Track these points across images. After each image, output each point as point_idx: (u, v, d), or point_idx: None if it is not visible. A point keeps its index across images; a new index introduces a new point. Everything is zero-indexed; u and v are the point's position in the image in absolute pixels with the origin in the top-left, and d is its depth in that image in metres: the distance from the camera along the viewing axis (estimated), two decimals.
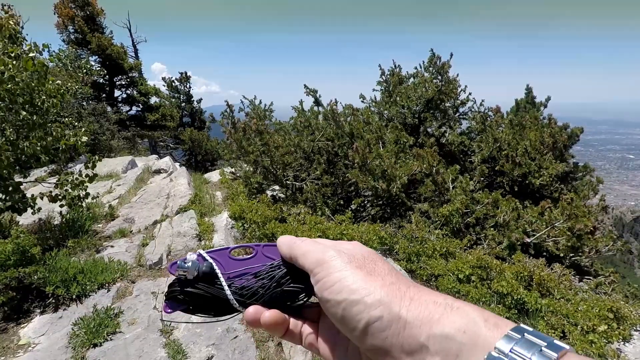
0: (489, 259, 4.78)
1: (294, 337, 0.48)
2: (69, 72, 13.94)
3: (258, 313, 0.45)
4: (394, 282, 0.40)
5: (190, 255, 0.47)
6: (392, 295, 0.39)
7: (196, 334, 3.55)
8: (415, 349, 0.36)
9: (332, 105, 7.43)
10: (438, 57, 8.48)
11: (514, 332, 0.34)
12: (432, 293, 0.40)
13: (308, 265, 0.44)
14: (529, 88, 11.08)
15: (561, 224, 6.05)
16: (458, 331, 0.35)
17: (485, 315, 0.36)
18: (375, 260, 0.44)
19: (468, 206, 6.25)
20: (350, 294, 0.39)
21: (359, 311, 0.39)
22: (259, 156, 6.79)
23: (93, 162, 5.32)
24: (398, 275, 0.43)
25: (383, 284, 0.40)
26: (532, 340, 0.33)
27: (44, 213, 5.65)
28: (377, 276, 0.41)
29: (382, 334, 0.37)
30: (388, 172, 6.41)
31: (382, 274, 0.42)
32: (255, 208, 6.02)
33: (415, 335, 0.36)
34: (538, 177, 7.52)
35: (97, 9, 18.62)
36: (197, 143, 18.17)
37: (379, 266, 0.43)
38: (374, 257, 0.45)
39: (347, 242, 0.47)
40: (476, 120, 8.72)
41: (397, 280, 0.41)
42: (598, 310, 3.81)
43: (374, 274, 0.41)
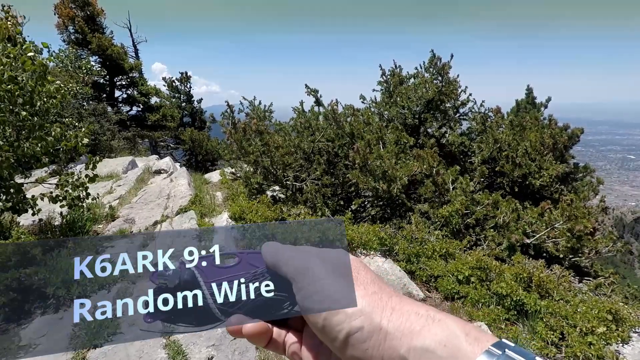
0: (488, 260, 4.79)
1: (277, 346, 0.47)
2: (69, 72, 13.96)
3: (240, 323, 0.44)
4: (376, 292, 0.40)
5: (171, 264, 0.45)
6: (374, 305, 0.38)
7: (196, 335, 3.56)
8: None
9: (332, 106, 7.44)
10: (438, 57, 8.48)
11: (495, 347, 0.33)
12: (415, 304, 0.39)
13: (290, 274, 0.43)
14: (530, 88, 11.08)
15: (561, 225, 6.05)
16: (439, 344, 0.34)
17: (466, 329, 0.36)
18: (359, 269, 0.43)
19: (468, 207, 6.26)
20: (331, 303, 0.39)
21: (340, 321, 0.38)
22: (259, 156, 6.80)
23: (93, 162, 5.32)
24: (381, 284, 0.42)
25: (365, 294, 0.39)
26: (513, 357, 0.32)
27: (45, 214, 5.66)
28: (359, 285, 0.41)
29: (363, 345, 0.37)
30: (389, 172, 6.42)
31: (364, 283, 0.41)
32: (255, 209, 6.03)
33: (396, 347, 0.36)
34: (538, 178, 7.52)
35: (97, 9, 18.63)
36: (198, 143, 18.17)
37: (361, 275, 0.42)
38: (357, 265, 0.44)
39: (332, 250, 0.46)
40: (476, 121, 8.73)
41: (379, 290, 0.41)
42: (597, 312, 3.81)
43: (356, 283, 0.41)
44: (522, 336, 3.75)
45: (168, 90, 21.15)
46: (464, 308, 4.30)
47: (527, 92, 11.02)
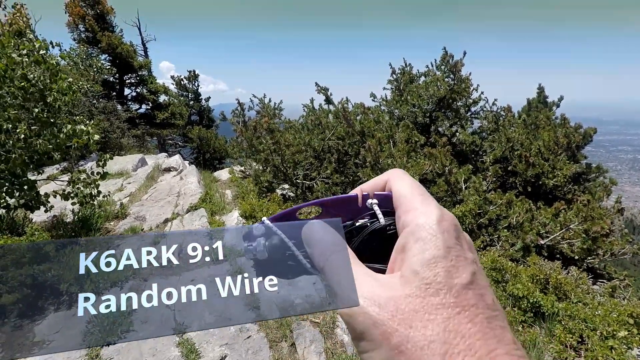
0: (504, 261, 4.71)
1: None
2: (80, 70, 14.06)
3: None
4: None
5: (256, 230, 0.43)
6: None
7: (209, 333, 3.53)
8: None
9: (343, 104, 7.38)
10: (451, 55, 8.38)
11: None
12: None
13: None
14: (541, 87, 10.92)
15: (576, 226, 5.94)
16: None
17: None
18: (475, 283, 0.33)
19: (481, 207, 6.17)
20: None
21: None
22: (269, 155, 6.77)
23: (104, 160, 5.33)
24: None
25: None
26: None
27: (57, 210, 5.69)
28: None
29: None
30: None
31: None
32: (266, 207, 6.00)
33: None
34: (552, 178, 7.41)
35: (107, 8, 18.75)
36: (205, 141, 18.22)
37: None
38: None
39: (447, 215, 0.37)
40: (488, 120, 8.62)
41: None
42: (617, 315, 3.72)
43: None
44: (540, 339, 3.68)
45: (176, 89, 21.25)
46: None
47: (539, 91, 10.87)
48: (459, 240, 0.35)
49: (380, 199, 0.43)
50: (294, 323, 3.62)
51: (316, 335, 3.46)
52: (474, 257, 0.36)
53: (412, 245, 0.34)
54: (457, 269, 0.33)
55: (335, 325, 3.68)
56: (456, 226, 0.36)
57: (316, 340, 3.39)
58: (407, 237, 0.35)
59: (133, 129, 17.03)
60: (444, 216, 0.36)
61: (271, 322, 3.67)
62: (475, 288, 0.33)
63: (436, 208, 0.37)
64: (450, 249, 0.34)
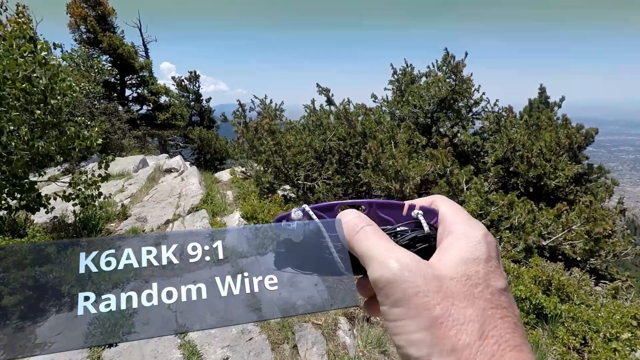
0: (505, 262, 4.69)
1: None
2: (81, 71, 14.07)
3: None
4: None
5: (295, 213, 0.44)
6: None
7: (211, 335, 3.53)
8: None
9: (344, 105, 7.38)
10: (452, 56, 8.37)
11: None
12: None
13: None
14: (542, 88, 10.90)
15: (579, 227, 5.92)
16: None
17: None
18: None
19: (483, 208, 6.16)
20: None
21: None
22: (270, 156, 6.76)
23: (106, 162, 5.33)
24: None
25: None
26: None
27: (58, 212, 5.69)
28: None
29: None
30: (401, 172, 6.34)
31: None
32: (267, 208, 5.99)
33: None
34: (554, 179, 7.39)
35: (108, 9, 18.77)
36: (206, 142, 18.24)
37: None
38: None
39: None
40: (490, 120, 8.60)
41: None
42: (620, 317, 3.71)
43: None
44: (543, 341, 3.66)
45: (177, 90, 21.27)
46: None
47: (540, 92, 10.85)
48: (498, 257, 0.39)
49: (426, 212, 0.45)
50: (295, 325, 3.61)
51: (318, 337, 3.45)
52: (506, 278, 0.38)
53: (460, 244, 0.38)
54: (495, 275, 0.36)
55: (337, 327, 3.67)
56: (497, 245, 0.40)
57: (318, 342, 3.38)
58: (455, 240, 0.38)
59: (134, 129, 17.04)
60: (488, 234, 0.39)
61: (273, 324, 3.66)
62: (509, 296, 0.36)
63: (483, 227, 0.40)
64: (492, 258, 0.37)
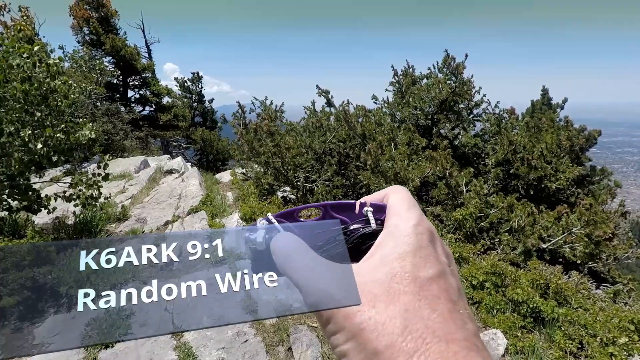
0: (503, 266, 4.67)
1: None
2: (83, 73, 14.16)
3: None
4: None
5: (260, 222, 0.45)
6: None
7: (207, 337, 3.54)
8: None
9: (344, 106, 7.38)
10: (452, 57, 8.36)
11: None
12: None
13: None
14: (545, 89, 10.86)
15: (579, 230, 5.89)
16: None
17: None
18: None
19: (482, 210, 6.14)
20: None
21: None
22: (270, 157, 6.78)
23: (105, 162, 5.36)
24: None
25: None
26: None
27: (59, 212, 5.72)
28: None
29: None
30: (401, 174, 6.33)
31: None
32: (266, 209, 6.00)
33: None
34: (554, 181, 7.35)
35: (111, 10, 18.88)
36: (209, 143, 18.28)
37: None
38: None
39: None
40: (490, 122, 8.57)
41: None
42: (618, 321, 3.68)
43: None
44: (539, 345, 3.64)
45: (180, 91, 21.34)
46: (479, 314, 4.20)
47: (543, 93, 10.81)
48: (433, 244, 0.37)
49: (376, 208, 0.45)
50: (291, 327, 3.62)
51: (313, 339, 3.45)
52: (447, 262, 0.37)
53: (387, 242, 0.37)
54: (424, 264, 0.35)
55: None
56: (431, 232, 0.39)
57: (313, 344, 3.39)
58: (385, 236, 0.38)
59: (136, 130, 17.12)
60: (421, 222, 0.39)
61: (268, 326, 3.66)
62: (441, 284, 0.34)
63: (417, 215, 0.39)
64: (422, 247, 0.36)
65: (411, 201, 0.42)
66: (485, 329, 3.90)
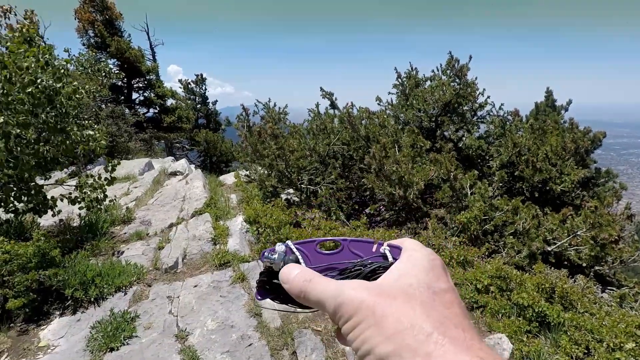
0: (508, 269, 4.64)
1: None
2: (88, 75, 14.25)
3: None
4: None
5: (279, 247, 0.48)
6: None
7: (211, 340, 3.54)
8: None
9: (348, 109, 7.38)
10: (456, 59, 8.34)
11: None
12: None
13: None
14: (549, 91, 10.80)
15: (584, 233, 5.85)
16: None
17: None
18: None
19: (487, 213, 6.11)
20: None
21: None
22: (274, 160, 6.78)
23: (112, 166, 5.39)
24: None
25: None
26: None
27: (64, 214, 5.76)
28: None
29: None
30: (405, 178, 6.32)
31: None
32: (270, 212, 6.00)
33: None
34: (559, 184, 7.31)
35: (115, 13, 19.02)
36: (212, 145, 18.35)
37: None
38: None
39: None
40: (495, 124, 8.54)
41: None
42: (625, 326, 3.65)
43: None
44: (545, 350, 3.62)
45: (184, 92, 21.44)
46: (483, 318, 4.17)
47: (547, 95, 10.75)
48: (444, 271, 0.42)
49: (392, 248, 0.48)
50: (295, 331, 3.61)
51: (317, 343, 3.44)
52: (454, 287, 0.41)
53: (403, 263, 0.42)
54: (437, 279, 0.40)
55: None
56: (443, 263, 0.44)
57: (317, 348, 3.38)
58: (400, 262, 0.43)
59: (140, 132, 17.21)
60: (434, 254, 0.44)
61: (273, 329, 3.66)
62: (453, 296, 0.39)
63: (431, 251, 0.45)
64: (435, 267, 0.41)
65: (426, 248, 0.46)
66: (490, 333, 3.88)
